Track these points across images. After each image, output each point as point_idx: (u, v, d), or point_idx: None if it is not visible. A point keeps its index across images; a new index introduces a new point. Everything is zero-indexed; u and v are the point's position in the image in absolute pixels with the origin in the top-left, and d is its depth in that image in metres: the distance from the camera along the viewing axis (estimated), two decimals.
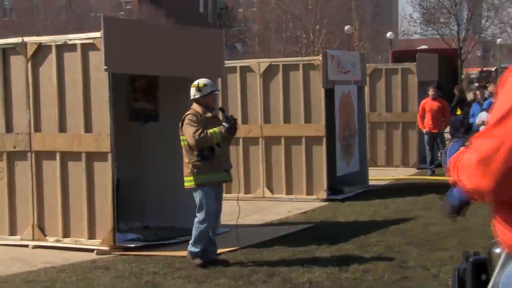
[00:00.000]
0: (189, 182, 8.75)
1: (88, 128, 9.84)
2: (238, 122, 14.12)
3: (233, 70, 14.38)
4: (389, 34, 49.92)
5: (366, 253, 9.23)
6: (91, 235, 9.85)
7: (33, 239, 10.23)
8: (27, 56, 10.20)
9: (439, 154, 17.30)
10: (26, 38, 10.37)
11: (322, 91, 13.90)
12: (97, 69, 9.66)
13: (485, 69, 75.51)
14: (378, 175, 16.86)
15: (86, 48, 9.79)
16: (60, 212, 10.05)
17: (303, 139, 14.09)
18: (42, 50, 10.14)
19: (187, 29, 11.85)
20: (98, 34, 9.61)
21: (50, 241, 10.13)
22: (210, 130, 8.62)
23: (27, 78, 10.23)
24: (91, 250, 9.66)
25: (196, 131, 8.58)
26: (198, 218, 8.74)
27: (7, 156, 10.46)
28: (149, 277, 8.30)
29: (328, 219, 12.05)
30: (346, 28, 50.45)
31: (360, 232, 10.58)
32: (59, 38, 10.20)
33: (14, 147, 10.36)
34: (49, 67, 10.08)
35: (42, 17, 59.60)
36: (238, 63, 14.98)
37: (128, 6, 69.52)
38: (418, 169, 18.31)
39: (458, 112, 20.47)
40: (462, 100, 21.99)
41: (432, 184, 15.69)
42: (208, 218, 8.68)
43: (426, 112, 16.95)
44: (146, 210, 11.42)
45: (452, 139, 20.33)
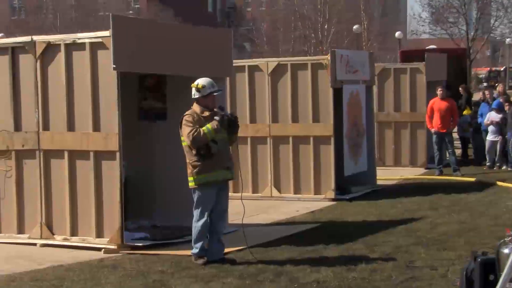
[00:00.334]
0: (191, 182, 8.84)
1: (96, 127, 9.85)
2: (246, 121, 14.29)
3: (241, 69, 14.39)
4: (397, 34, 49.77)
5: (373, 253, 9.22)
6: (99, 234, 9.87)
7: (41, 238, 10.25)
8: (36, 55, 10.22)
9: (447, 154, 17.26)
10: (35, 37, 10.38)
11: (330, 91, 13.89)
12: (105, 68, 9.66)
13: (494, 69, 75.34)
14: (386, 175, 16.83)
15: (95, 47, 9.80)
16: (68, 210, 10.07)
17: (311, 139, 14.08)
18: (51, 49, 10.15)
19: (196, 28, 11.83)
20: (107, 33, 9.61)
21: (58, 239, 10.14)
22: (203, 127, 8.67)
23: (36, 77, 10.24)
24: (99, 249, 9.68)
25: (190, 131, 8.66)
26: (194, 217, 8.85)
27: (16, 154, 10.48)
28: (156, 276, 8.32)
29: (335, 219, 12.04)
30: (355, 27, 50.38)
31: (367, 231, 10.56)
32: (68, 37, 10.21)
33: (23, 146, 10.38)
34: (57, 66, 10.09)
35: (51, 15, 59.79)
36: (246, 63, 14.98)
37: (136, 5, 69.71)
38: (426, 169, 18.26)
39: (466, 111, 20.36)
40: (469, 99, 21.91)
41: (440, 184, 15.66)
42: (203, 217, 8.76)
43: (434, 112, 16.91)
44: (154, 209, 11.43)
45: (460, 139, 20.31)
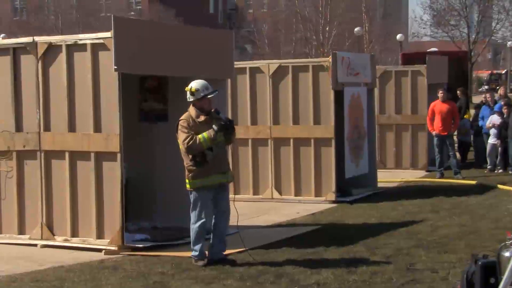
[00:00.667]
0: (187, 184, 8.89)
1: (97, 128, 9.86)
2: (247, 123, 14.30)
3: (242, 71, 14.39)
4: (399, 36, 49.80)
5: (374, 255, 9.21)
6: (100, 235, 9.87)
7: (41, 238, 10.25)
8: (38, 55, 10.22)
9: (448, 157, 17.25)
10: (36, 38, 10.39)
11: (332, 93, 13.89)
12: (107, 69, 9.67)
13: (495, 71, 75.38)
14: (387, 177, 16.82)
15: (96, 48, 9.80)
16: (68, 211, 10.07)
17: (312, 141, 14.08)
18: (52, 50, 10.16)
19: (197, 29, 11.83)
20: (108, 34, 9.62)
21: (59, 240, 10.14)
22: (199, 136, 8.64)
23: (37, 78, 10.25)
24: (100, 250, 9.68)
25: (185, 138, 8.65)
26: (192, 219, 8.88)
27: (17, 155, 10.48)
28: (157, 277, 8.31)
29: (336, 221, 12.04)
30: (356, 29, 50.38)
31: (368, 234, 10.56)
32: (69, 38, 10.21)
33: (24, 146, 10.39)
34: (59, 67, 10.10)
35: (53, 16, 59.83)
36: (247, 64, 14.97)
37: (138, 6, 69.71)
38: (427, 171, 18.26)
39: (467, 116, 20.36)
40: (468, 102, 21.88)
41: (441, 186, 15.65)
42: (200, 219, 8.78)
43: (435, 114, 16.90)
44: (155, 210, 11.42)
45: (458, 143, 20.28)
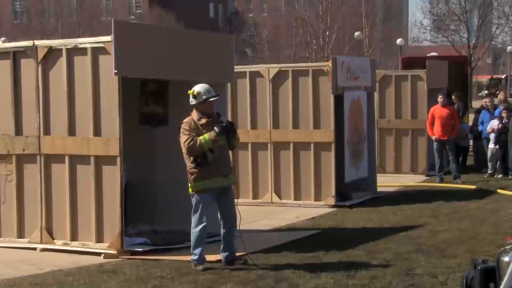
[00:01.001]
0: (189, 188, 8.89)
1: (97, 131, 9.85)
2: (247, 127, 14.30)
3: (242, 75, 14.39)
4: (399, 41, 49.88)
5: (374, 259, 9.21)
6: (99, 239, 9.86)
7: (41, 242, 10.24)
8: (38, 59, 10.22)
9: (448, 161, 17.24)
10: (36, 42, 10.39)
11: (331, 97, 13.89)
12: (107, 73, 9.67)
13: (495, 76, 75.48)
14: (386, 182, 16.82)
15: (97, 52, 9.80)
16: (68, 215, 10.06)
17: (312, 145, 14.08)
18: (52, 54, 10.16)
19: (197, 33, 11.83)
20: (108, 38, 9.62)
21: (58, 244, 10.14)
22: (200, 137, 8.70)
23: (37, 81, 10.25)
24: (99, 254, 9.67)
25: (186, 140, 8.69)
26: (193, 222, 8.89)
27: (16, 158, 10.48)
28: (156, 281, 8.31)
29: (336, 225, 12.03)
30: (356, 34, 50.46)
31: (368, 238, 10.55)
32: (70, 42, 10.22)
33: (23, 150, 10.38)
34: (59, 71, 10.10)
35: (53, 20, 59.87)
36: (247, 68, 14.97)
37: (138, 10, 69.75)
38: (427, 176, 18.25)
39: (466, 120, 20.37)
40: (466, 106, 21.87)
41: (441, 191, 15.65)
42: (201, 222, 8.79)
43: (435, 119, 16.89)
44: (155, 214, 11.42)
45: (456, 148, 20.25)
